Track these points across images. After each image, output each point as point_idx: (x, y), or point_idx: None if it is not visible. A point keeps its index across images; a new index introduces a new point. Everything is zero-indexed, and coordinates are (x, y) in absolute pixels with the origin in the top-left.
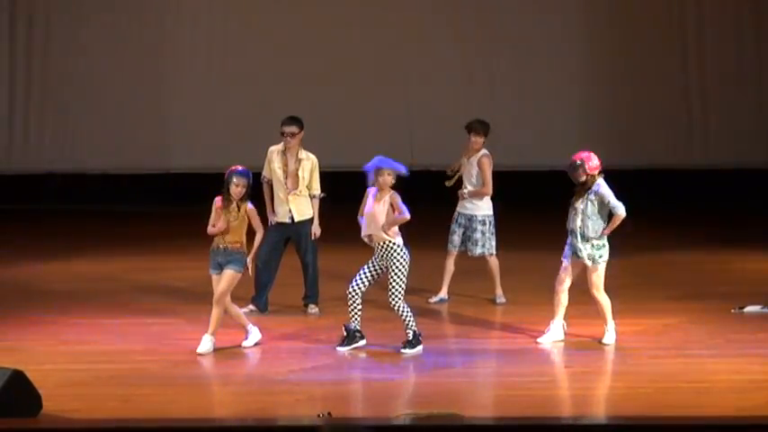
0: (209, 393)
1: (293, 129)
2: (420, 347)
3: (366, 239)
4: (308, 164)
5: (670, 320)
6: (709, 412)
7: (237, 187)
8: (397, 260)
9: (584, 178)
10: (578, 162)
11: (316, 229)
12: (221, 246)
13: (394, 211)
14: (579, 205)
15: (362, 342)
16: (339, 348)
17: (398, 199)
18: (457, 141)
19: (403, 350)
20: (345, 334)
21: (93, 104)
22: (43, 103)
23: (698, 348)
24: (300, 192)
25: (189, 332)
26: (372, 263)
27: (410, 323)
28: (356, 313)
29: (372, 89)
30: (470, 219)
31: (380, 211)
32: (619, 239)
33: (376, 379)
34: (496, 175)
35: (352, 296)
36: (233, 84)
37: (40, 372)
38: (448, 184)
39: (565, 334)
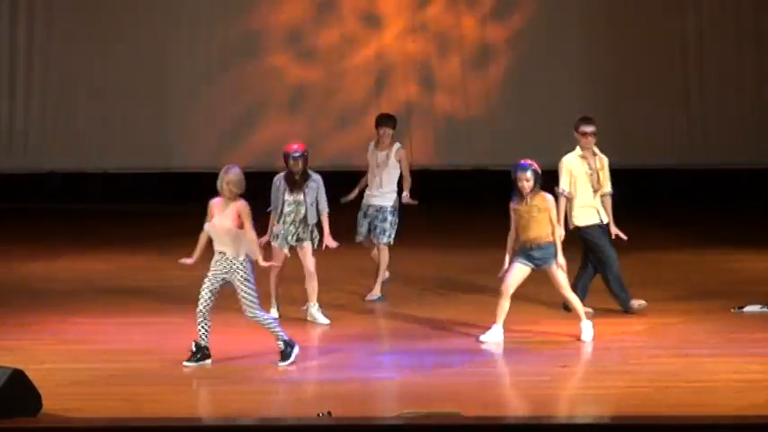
0: (209, 393)
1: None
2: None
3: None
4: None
5: (670, 320)
6: (710, 412)
7: (521, 182)
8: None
9: None
10: None
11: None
12: (533, 243)
13: None
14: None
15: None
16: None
17: None
18: (457, 141)
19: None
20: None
21: (93, 104)
22: (43, 103)
23: (698, 348)
24: None
25: (189, 332)
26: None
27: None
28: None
29: (372, 89)
30: (379, 209)
31: None
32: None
33: (376, 379)
34: (499, 175)
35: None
36: (233, 84)
37: (40, 371)
38: (346, 199)
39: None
